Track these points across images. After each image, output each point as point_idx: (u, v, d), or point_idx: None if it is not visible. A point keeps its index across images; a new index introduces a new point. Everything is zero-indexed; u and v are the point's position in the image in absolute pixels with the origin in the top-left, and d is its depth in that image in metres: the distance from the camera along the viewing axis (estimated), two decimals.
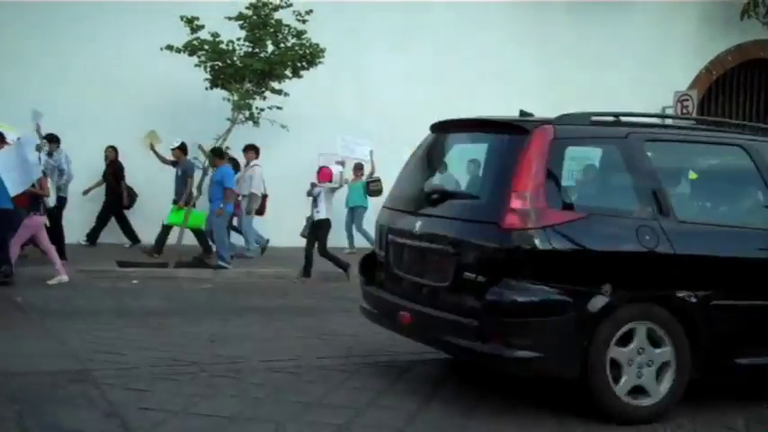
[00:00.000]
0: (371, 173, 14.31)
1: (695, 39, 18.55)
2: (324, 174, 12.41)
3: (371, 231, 13.31)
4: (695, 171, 6.16)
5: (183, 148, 13.33)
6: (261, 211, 14.07)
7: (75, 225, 13.39)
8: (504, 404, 5.32)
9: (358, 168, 14.98)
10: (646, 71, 17.86)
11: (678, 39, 18.37)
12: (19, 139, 11.05)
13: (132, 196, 14.06)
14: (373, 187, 13.83)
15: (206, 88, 13.34)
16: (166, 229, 13.03)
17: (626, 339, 5.03)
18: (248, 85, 13.01)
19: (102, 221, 13.92)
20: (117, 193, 13.90)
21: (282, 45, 13.10)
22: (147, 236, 13.51)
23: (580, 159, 6.35)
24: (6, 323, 7.79)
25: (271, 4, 12.90)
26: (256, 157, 13.90)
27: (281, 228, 14.34)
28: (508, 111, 16.14)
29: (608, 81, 17.62)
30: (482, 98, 16.60)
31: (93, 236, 13.84)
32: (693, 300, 5.11)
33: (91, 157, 13.88)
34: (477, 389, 5.65)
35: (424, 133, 14.19)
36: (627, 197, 5.42)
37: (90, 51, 14.54)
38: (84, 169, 13.79)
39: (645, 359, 5.06)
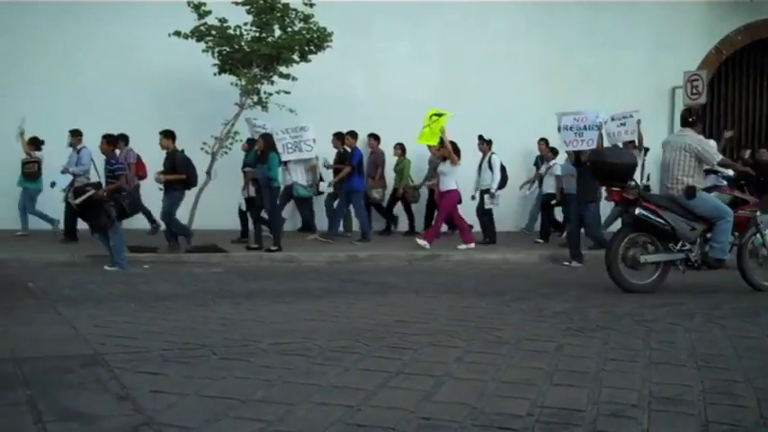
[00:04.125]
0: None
1: (705, 19, 18.46)
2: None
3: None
4: None
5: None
6: None
7: None
8: (517, 381, 5.33)
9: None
10: (655, 51, 17.81)
11: (688, 19, 18.28)
12: None
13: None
14: (27, 170, 13.59)
15: (214, 74, 13.34)
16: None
17: None
18: (256, 70, 13.01)
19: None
20: None
21: (290, 29, 13.08)
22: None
23: None
24: (18, 309, 7.84)
25: None
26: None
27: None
28: (517, 93, 16.26)
29: (617, 62, 17.58)
30: (492, 80, 16.61)
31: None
32: None
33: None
34: (490, 369, 5.65)
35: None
36: None
37: (99, 38, 14.61)
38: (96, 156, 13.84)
39: None
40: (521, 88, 16.57)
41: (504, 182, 14.69)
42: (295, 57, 13.20)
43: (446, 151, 13.40)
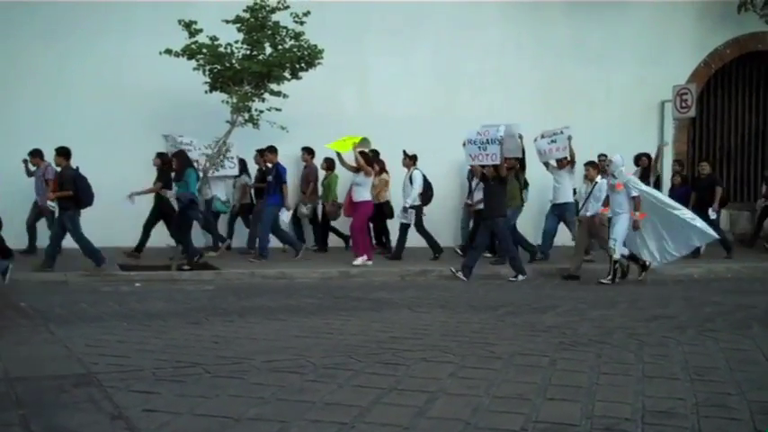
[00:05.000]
0: None
1: (693, 33, 18.57)
2: None
3: None
4: None
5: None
6: None
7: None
8: (511, 396, 5.33)
9: None
10: (644, 66, 17.90)
11: (676, 33, 18.40)
12: None
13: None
14: None
15: (205, 91, 13.36)
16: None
17: None
18: (247, 88, 13.03)
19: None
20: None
21: (280, 47, 13.12)
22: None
23: None
24: (11, 328, 7.81)
25: (268, 6, 12.91)
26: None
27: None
28: (507, 109, 16.27)
29: (607, 76, 17.67)
30: (481, 97, 16.67)
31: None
32: None
33: (91, 161, 13.82)
34: (483, 384, 5.65)
35: (423, 132, 14.23)
36: None
37: (90, 56, 14.60)
38: (86, 173, 13.75)
39: None
40: (511, 104, 16.57)
41: (429, 197, 14.26)
42: (286, 74, 13.23)
43: (355, 162, 13.04)
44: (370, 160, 13.32)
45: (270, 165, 13.88)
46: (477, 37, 16.90)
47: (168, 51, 12.71)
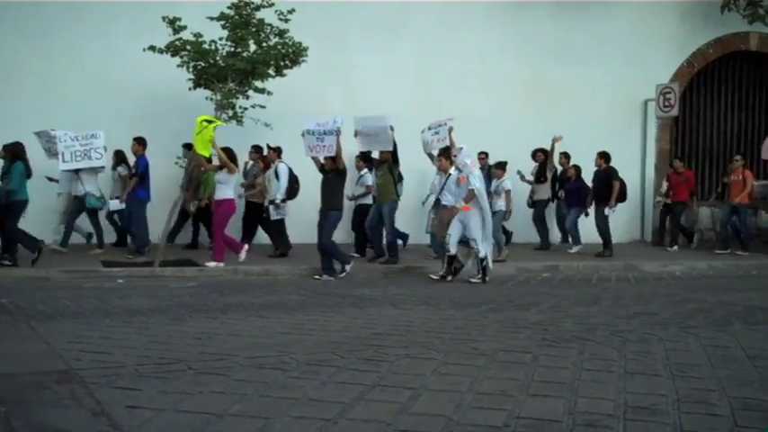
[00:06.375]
0: None
1: (677, 32, 18.66)
2: None
3: None
4: None
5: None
6: None
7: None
8: (494, 392, 5.35)
9: None
10: (627, 66, 17.98)
11: (659, 33, 18.48)
12: None
13: None
14: None
15: (189, 88, 13.32)
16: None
17: None
18: (231, 85, 12.99)
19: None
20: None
21: (265, 44, 13.09)
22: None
23: None
24: None
25: (253, 3, 12.89)
26: None
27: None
28: (491, 108, 16.29)
29: (590, 77, 17.73)
30: (465, 96, 16.69)
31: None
32: None
33: None
34: (466, 380, 5.66)
35: (407, 130, 14.21)
36: None
37: (73, 52, 14.54)
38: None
39: None
40: (495, 103, 16.65)
41: (294, 191, 14.00)
42: (270, 71, 13.21)
43: (221, 160, 12.50)
44: (233, 156, 12.81)
45: (135, 156, 13.63)
46: (461, 36, 16.93)
47: (152, 48, 12.67)
